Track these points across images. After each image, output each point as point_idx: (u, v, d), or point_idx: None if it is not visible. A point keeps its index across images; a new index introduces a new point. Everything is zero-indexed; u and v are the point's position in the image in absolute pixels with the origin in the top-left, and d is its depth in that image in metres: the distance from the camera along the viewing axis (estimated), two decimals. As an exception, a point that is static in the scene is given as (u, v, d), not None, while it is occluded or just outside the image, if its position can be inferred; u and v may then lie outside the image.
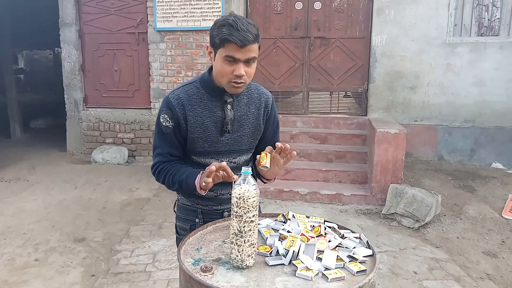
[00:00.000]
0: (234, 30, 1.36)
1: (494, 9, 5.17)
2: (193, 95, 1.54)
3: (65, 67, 6.22)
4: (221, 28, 1.39)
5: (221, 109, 1.54)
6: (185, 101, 1.52)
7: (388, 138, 4.25)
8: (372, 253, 1.34)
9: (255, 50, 1.42)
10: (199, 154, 1.58)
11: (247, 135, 1.60)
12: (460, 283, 2.92)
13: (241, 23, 1.37)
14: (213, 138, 1.55)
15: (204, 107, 1.53)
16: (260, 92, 1.64)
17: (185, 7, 5.64)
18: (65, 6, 6.04)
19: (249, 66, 1.44)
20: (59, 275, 2.98)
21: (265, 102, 1.63)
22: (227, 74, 1.44)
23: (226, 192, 1.65)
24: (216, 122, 1.54)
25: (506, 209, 4.01)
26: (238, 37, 1.36)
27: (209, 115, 1.53)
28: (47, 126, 8.86)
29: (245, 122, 1.59)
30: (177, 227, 1.76)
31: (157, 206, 4.34)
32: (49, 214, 4.10)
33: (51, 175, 5.34)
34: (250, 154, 1.67)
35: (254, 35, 1.39)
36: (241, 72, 1.41)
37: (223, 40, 1.38)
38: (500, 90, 5.25)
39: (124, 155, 5.94)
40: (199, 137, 1.54)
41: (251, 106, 1.60)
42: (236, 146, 1.60)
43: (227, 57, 1.40)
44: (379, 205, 4.27)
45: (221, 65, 1.43)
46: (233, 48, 1.38)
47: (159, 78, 5.92)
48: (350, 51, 5.54)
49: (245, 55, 1.40)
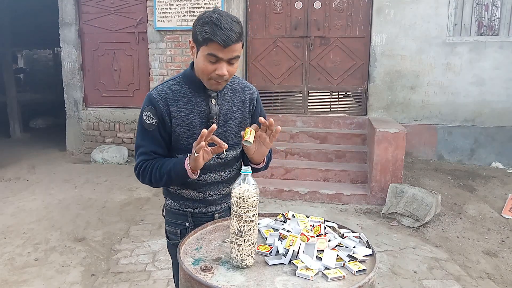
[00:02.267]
0: (218, 29, 1.33)
1: (494, 9, 5.16)
2: (176, 91, 1.51)
3: (64, 66, 6.22)
4: (204, 26, 1.36)
5: (205, 104, 1.51)
6: (168, 97, 1.49)
7: (388, 138, 4.25)
8: (372, 252, 1.34)
9: (238, 49, 1.40)
10: (184, 151, 1.51)
11: (234, 129, 1.58)
12: (460, 283, 2.92)
13: (225, 21, 1.34)
14: (199, 133, 1.46)
15: (188, 103, 1.50)
16: (244, 86, 1.63)
17: (185, 7, 5.64)
18: (64, 5, 6.04)
19: (231, 65, 1.42)
20: (59, 275, 2.98)
21: (250, 96, 1.62)
22: (209, 72, 1.41)
23: (215, 193, 1.62)
24: (201, 117, 1.51)
25: (506, 208, 4.01)
26: (221, 37, 1.33)
27: (194, 110, 1.50)
28: (47, 125, 8.86)
29: (231, 116, 1.57)
30: (167, 232, 1.71)
31: (157, 206, 4.34)
32: (49, 214, 4.10)
33: (51, 175, 5.34)
34: (238, 149, 1.62)
35: (238, 34, 1.36)
36: (223, 72, 1.40)
37: (206, 39, 1.35)
38: (500, 90, 5.25)
39: (124, 154, 5.94)
40: (184, 133, 1.51)
41: (236, 100, 1.58)
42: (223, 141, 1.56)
43: (210, 56, 1.38)
44: (379, 204, 4.27)
45: (203, 63, 1.41)
46: (216, 47, 1.35)
47: (159, 77, 5.91)
48: (350, 50, 5.54)
49: (228, 54, 1.38)
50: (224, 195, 1.65)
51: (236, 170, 1.67)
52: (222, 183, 1.62)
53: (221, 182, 1.62)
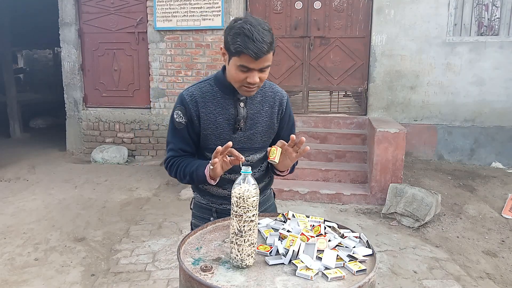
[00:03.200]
0: (250, 42, 1.35)
1: (494, 9, 5.17)
2: (206, 93, 1.56)
3: (64, 66, 6.22)
4: (236, 37, 1.37)
5: (234, 107, 1.55)
6: (198, 98, 1.55)
7: (388, 138, 4.25)
8: (372, 252, 1.34)
9: (269, 59, 1.42)
10: (211, 151, 1.54)
11: (260, 133, 1.60)
12: (460, 283, 2.92)
13: (257, 32, 1.35)
14: (226, 135, 1.56)
15: (217, 104, 1.55)
16: (274, 91, 1.64)
17: (185, 7, 5.64)
18: (64, 5, 6.04)
19: (263, 72, 1.45)
20: (59, 275, 2.98)
21: (279, 101, 1.63)
22: (240, 80, 1.45)
23: None
24: (229, 119, 1.55)
25: (506, 208, 4.01)
26: (253, 50, 1.35)
27: (222, 112, 1.55)
28: (47, 125, 8.86)
29: (258, 120, 1.59)
30: (192, 225, 1.78)
31: (157, 206, 4.34)
32: (49, 214, 4.10)
33: (51, 175, 5.34)
34: (263, 152, 1.65)
35: (269, 44, 1.37)
36: (255, 80, 1.43)
37: (238, 51, 1.38)
38: (500, 90, 5.25)
39: (124, 154, 5.94)
40: (212, 134, 1.56)
41: (264, 104, 1.60)
42: (249, 144, 1.60)
43: (242, 67, 1.41)
44: (379, 204, 4.27)
45: (235, 72, 1.44)
46: (247, 59, 1.38)
47: (158, 77, 5.92)
48: (350, 50, 5.54)
49: (259, 65, 1.40)
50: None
51: (261, 171, 1.69)
52: None
53: None
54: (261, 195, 1.73)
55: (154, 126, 6.04)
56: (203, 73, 5.80)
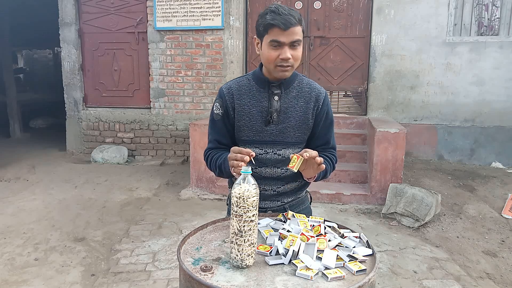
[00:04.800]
0: (277, 15, 1.43)
1: (494, 9, 5.16)
2: (243, 86, 1.62)
3: (64, 66, 6.22)
4: (264, 16, 1.46)
5: (267, 100, 1.59)
6: (234, 91, 1.61)
7: (388, 138, 4.25)
8: (372, 252, 1.34)
9: (299, 33, 1.48)
10: (245, 142, 1.63)
11: (293, 127, 1.61)
12: (460, 283, 2.92)
13: (283, 8, 1.44)
14: (258, 127, 1.59)
15: (252, 97, 1.60)
16: (312, 87, 1.64)
17: (185, 7, 5.64)
18: (64, 5, 6.04)
19: (294, 49, 1.49)
20: (59, 275, 2.98)
21: (315, 97, 1.63)
22: (273, 59, 1.48)
23: (269, 188, 1.67)
24: (262, 111, 1.59)
25: (506, 208, 4.01)
26: (281, 20, 1.42)
27: (256, 104, 1.59)
28: (47, 125, 8.87)
29: (292, 114, 1.60)
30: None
31: (157, 206, 4.34)
32: (49, 214, 4.10)
33: (51, 175, 5.34)
34: (297, 148, 1.64)
35: (297, 18, 1.45)
36: (287, 55, 1.47)
37: (267, 26, 1.45)
38: (500, 90, 5.25)
39: (124, 154, 5.94)
40: (245, 125, 1.60)
41: (300, 99, 1.61)
42: (281, 138, 1.61)
43: (273, 42, 1.46)
44: (379, 204, 4.27)
45: (267, 51, 1.49)
46: (277, 32, 1.44)
47: (158, 77, 5.92)
48: (350, 50, 5.54)
49: (289, 37, 1.46)
50: (279, 193, 1.69)
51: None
52: (277, 180, 1.67)
53: (277, 179, 1.66)
54: (293, 197, 1.73)
55: (154, 126, 6.04)
56: (203, 73, 5.80)
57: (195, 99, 5.89)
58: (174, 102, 5.94)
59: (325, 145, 1.70)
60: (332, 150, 1.72)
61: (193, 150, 4.60)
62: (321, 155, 1.65)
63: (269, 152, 1.61)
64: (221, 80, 5.75)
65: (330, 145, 1.71)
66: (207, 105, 5.85)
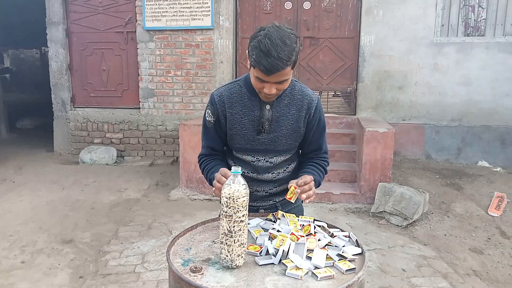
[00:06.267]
0: (264, 58, 1.34)
1: (480, 10, 5.24)
2: (234, 94, 1.59)
3: (52, 66, 6.14)
4: (253, 50, 1.38)
5: (259, 109, 1.57)
6: (225, 99, 1.59)
7: (377, 137, 4.29)
8: (361, 251, 1.35)
9: (286, 74, 1.40)
10: (237, 150, 1.64)
11: (285, 136, 1.60)
12: (448, 280, 2.96)
13: (274, 47, 1.32)
14: (250, 136, 1.59)
15: (243, 106, 1.58)
16: (303, 94, 1.62)
17: (174, 6, 5.62)
18: (52, 4, 5.96)
19: (280, 84, 1.45)
20: (47, 277, 2.94)
21: (307, 104, 1.60)
22: (258, 88, 1.49)
23: (261, 189, 1.68)
24: (254, 120, 1.58)
25: (492, 206, 4.07)
26: (266, 66, 1.35)
27: (248, 113, 1.58)
28: (34, 126, 8.74)
29: (284, 122, 1.59)
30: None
31: (146, 207, 4.32)
32: (36, 215, 4.04)
33: (38, 176, 5.27)
34: (288, 155, 1.66)
35: (284, 61, 1.35)
36: (270, 91, 1.44)
37: (253, 64, 1.40)
38: (486, 90, 5.33)
39: (113, 155, 5.89)
40: (237, 133, 1.60)
41: (291, 107, 1.59)
42: (272, 146, 1.61)
43: (258, 78, 1.43)
44: (368, 203, 4.31)
45: (254, 80, 1.47)
46: (261, 73, 1.39)
47: (148, 77, 5.88)
48: (339, 50, 5.57)
49: (274, 79, 1.40)
50: (271, 194, 1.71)
51: (287, 172, 1.70)
52: (269, 183, 1.69)
53: (269, 182, 1.68)
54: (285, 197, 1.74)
55: (143, 127, 6.00)
56: (193, 73, 5.78)
57: (184, 99, 5.87)
58: (163, 102, 5.91)
59: (318, 150, 1.70)
60: (324, 154, 1.73)
61: (183, 151, 4.58)
62: (313, 163, 1.69)
63: (261, 159, 1.62)
64: (210, 80, 5.74)
65: (323, 150, 1.71)
66: (197, 105, 5.83)
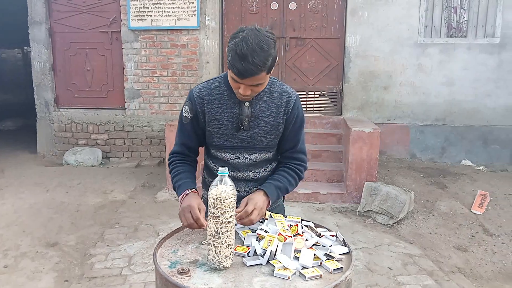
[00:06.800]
0: (238, 62, 1.34)
1: (462, 11, 5.34)
2: (214, 90, 1.58)
3: (35, 66, 6.03)
4: (230, 52, 1.38)
5: (238, 105, 1.56)
6: (205, 95, 1.58)
7: (363, 137, 4.33)
8: (348, 250, 1.36)
9: (261, 78, 1.40)
10: (216, 147, 1.63)
11: (264, 133, 1.60)
12: (433, 277, 3.00)
13: (250, 51, 1.32)
14: (229, 133, 1.58)
15: (222, 102, 1.57)
16: (282, 91, 1.62)
17: (160, 6, 5.57)
18: (34, 3, 5.86)
19: (256, 87, 1.45)
20: (31, 281, 2.89)
21: (286, 101, 1.61)
22: (234, 88, 1.48)
23: (242, 189, 1.66)
24: (233, 117, 1.57)
25: (475, 204, 4.15)
26: (240, 70, 1.35)
27: (227, 110, 1.57)
28: (17, 127, 8.57)
29: (263, 119, 1.58)
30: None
31: (133, 208, 4.27)
32: (19, 219, 3.96)
33: (21, 178, 5.17)
34: (268, 152, 1.66)
35: (259, 66, 1.34)
36: (245, 93, 1.44)
37: (228, 65, 1.40)
38: (468, 90, 5.43)
39: (98, 156, 5.81)
40: (216, 130, 1.59)
41: (270, 104, 1.59)
42: (252, 143, 1.60)
43: (233, 79, 1.43)
44: (355, 203, 4.34)
45: (230, 79, 1.47)
46: (235, 76, 1.39)
47: (133, 78, 5.82)
48: (325, 51, 5.61)
49: (248, 82, 1.41)
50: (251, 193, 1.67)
51: (267, 171, 1.69)
52: (250, 182, 1.67)
53: (250, 181, 1.67)
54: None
55: (129, 127, 5.94)
56: (179, 73, 5.74)
57: (170, 100, 5.83)
58: (149, 102, 5.86)
59: (293, 148, 1.68)
60: (301, 155, 1.71)
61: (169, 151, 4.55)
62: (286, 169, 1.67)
63: (240, 157, 1.61)
64: (197, 81, 5.71)
65: (298, 148, 1.69)
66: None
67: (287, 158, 1.70)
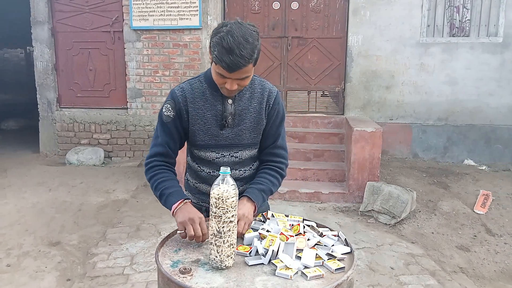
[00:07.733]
0: (225, 55, 1.34)
1: (465, 11, 5.32)
2: (196, 89, 1.57)
3: (37, 66, 6.05)
4: (215, 46, 1.37)
5: (221, 103, 1.56)
6: (188, 94, 1.56)
7: (365, 137, 4.32)
8: (350, 250, 1.36)
9: (248, 71, 1.41)
10: (200, 147, 1.61)
11: (248, 129, 1.60)
12: (435, 277, 3.00)
13: (236, 45, 1.33)
14: (213, 131, 1.57)
15: (205, 101, 1.56)
16: (263, 87, 1.63)
17: (162, 6, 5.58)
18: (37, 3, 5.87)
19: (242, 80, 1.45)
20: (33, 281, 2.90)
21: (267, 97, 1.62)
22: (219, 84, 1.48)
23: None
24: (216, 115, 1.56)
25: (478, 204, 4.14)
26: (229, 64, 1.35)
27: (210, 108, 1.56)
28: (19, 127, 8.59)
29: (246, 116, 1.59)
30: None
31: (135, 208, 4.28)
32: (22, 218, 3.98)
33: (24, 178, 5.18)
34: (253, 149, 1.66)
35: (246, 59, 1.35)
36: (232, 87, 1.44)
37: (215, 59, 1.39)
38: (471, 89, 5.41)
39: (100, 156, 5.82)
40: (200, 129, 1.57)
41: (253, 100, 1.60)
42: (237, 140, 1.60)
43: (219, 74, 1.42)
44: (357, 202, 4.34)
45: (215, 75, 1.46)
46: (223, 70, 1.38)
47: (135, 77, 5.83)
48: (327, 51, 5.60)
49: (235, 76, 1.40)
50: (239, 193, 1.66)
51: (253, 170, 1.69)
52: (236, 181, 1.63)
53: (236, 180, 1.63)
54: None
55: (131, 127, 5.95)
56: (181, 73, 5.75)
57: (173, 99, 5.82)
58: (151, 102, 5.87)
59: (274, 143, 1.67)
60: (280, 150, 1.70)
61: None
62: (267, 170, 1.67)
63: (225, 155, 1.60)
64: (199, 80, 5.71)
65: (278, 143, 1.68)
66: (185, 105, 5.80)
67: (268, 154, 1.68)
